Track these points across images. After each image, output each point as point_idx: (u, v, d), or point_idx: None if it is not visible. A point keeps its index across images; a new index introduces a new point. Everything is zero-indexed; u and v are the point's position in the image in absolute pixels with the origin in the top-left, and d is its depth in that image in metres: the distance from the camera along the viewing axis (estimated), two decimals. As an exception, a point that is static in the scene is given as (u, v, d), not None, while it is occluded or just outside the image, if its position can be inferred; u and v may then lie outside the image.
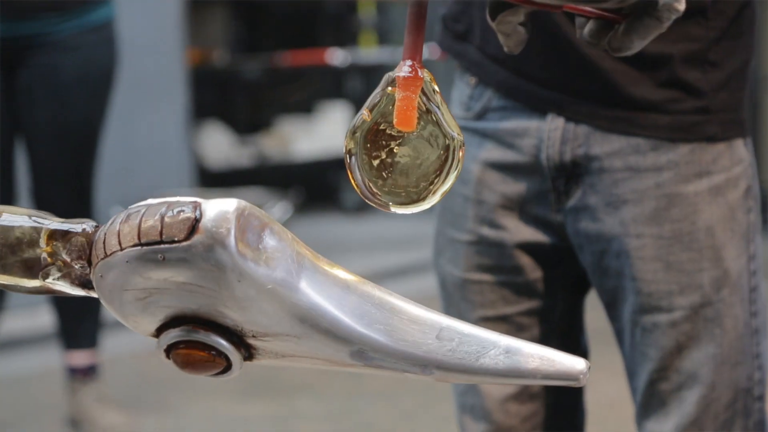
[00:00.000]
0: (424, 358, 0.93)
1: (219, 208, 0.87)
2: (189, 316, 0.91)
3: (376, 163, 1.02)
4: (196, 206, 0.88)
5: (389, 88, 1.02)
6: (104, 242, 0.90)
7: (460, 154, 1.02)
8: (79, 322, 3.49)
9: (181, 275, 0.88)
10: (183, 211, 0.88)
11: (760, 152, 6.42)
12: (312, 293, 0.91)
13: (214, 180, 6.39)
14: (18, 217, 0.95)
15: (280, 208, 5.51)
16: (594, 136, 1.59)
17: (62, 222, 0.94)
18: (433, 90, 1.03)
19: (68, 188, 3.46)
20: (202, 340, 0.91)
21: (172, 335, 0.91)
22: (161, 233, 0.88)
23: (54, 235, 0.93)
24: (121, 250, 0.89)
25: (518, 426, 1.71)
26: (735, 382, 1.62)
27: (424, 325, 0.94)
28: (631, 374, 1.68)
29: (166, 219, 0.88)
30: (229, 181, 6.35)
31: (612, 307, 1.67)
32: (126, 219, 0.90)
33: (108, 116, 3.58)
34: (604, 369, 2.82)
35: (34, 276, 0.94)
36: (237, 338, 0.92)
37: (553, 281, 1.70)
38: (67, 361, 3.54)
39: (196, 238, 0.87)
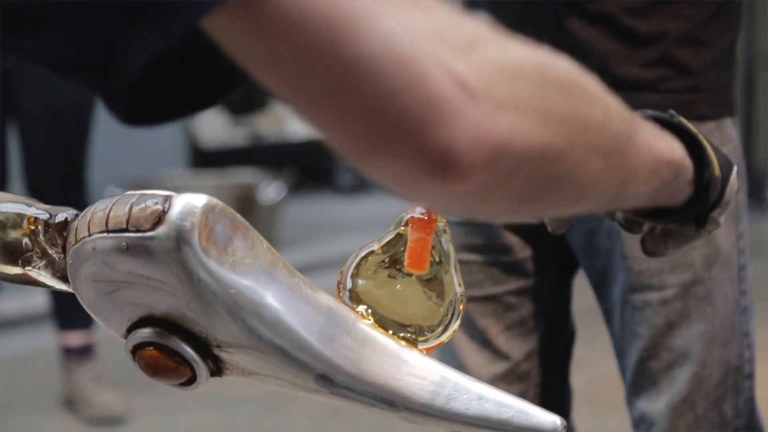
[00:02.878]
0: (391, 392, 0.90)
1: (187, 202, 0.85)
2: (158, 318, 0.89)
3: (379, 296, 0.96)
4: (167, 199, 0.86)
5: (402, 228, 0.98)
6: (77, 229, 0.89)
7: (461, 306, 0.98)
8: (73, 303, 3.46)
9: (144, 268, 0.86)
10: (153, 202, 0.86)
11: (754, 130, 6.41)
12: (279, 308, 0.88)
13: (209, 160, 6.38)
14: (2, 202, 0.94)
15: (274, 188, 5.51)
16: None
17: (45, 209, 0.94)
18: (446, 237, 0.99)
19: (60, 171, 3.46)
20: (168, 344, 0.89)
21: (139, 336, 0.89)
22: (128, 222, 0.86)
23: (35, 221, 0.93)
24: (89, 236, 0.88)
25: (506, 406, 1.71)
26: (725, 360, 1.62)
27: (398, 359, 0.91)
28: (621, 353, 1.68)
29: (135, 209, 0.86)
30: (223, 161, 6.35)
31: (601, 287, 1.67)
32: (99, 208, 0.89)
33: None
34: (596, 348, 2.82)
35: (14, 262, 0.94)
36: (204, 349, 0.89)
37: (541, 260, 1.70)
38: (61, 341, 3.54)
39: (160, 229, 0.85)
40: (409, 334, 0.95)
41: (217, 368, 0.91)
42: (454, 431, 0.94)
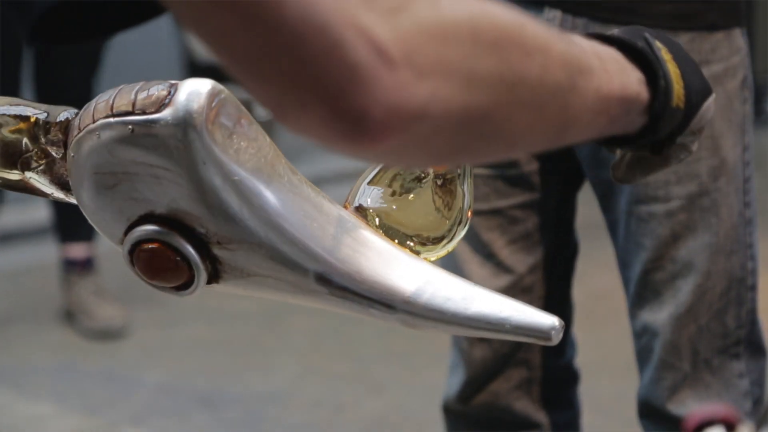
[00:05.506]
0: (389, 291, 0.89)
1: (194, 86, 0.86)
2: (158, 217, 0.88)
3: (390, 205, 0.96)
4: (173, 85, 0.87)
5: None
6: (80, 120, 0.89)
7: (469, 214, 0.97)
8: (76, 215, 3.47)
9: (148, 154, 0.86)
10: (159, 88, 0.87)
11: (754, 43, 6.39)
12: (281, 200, 0.88)
13: (204, 74, 6.29)
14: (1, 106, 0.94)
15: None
16: (593, 27, 1.58)
17: (44, 108, 0.93)
18: None
19: (78, 72, 3.45)
20: (168, 241, 0.88)
21: (139, 232, 0.89)
22: (133, 105, 0.86)
23: (36, 120, 0.93)
24: (94, 122, 0.87)
25: (509, 318, 1.72)
26: (729, 271, 1.63)
27: (395, 260, 0.91)
28: (625, 265, 1.68)
29: (140, 94, 0.87)
30: (218, 74, 6.30)
31: (607, 199, 1.67)
32: (102, 98, 0.89)
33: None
34: (595, 261, 2.84)
35: (13, 165, 0.93)
36: (204, 249, 0.89)
37: (547, 174, 1.70)
38: (64, 254, 3.54)
39: (166, 111, 0.85)
40: (413, 244, 0.95)
41: (214, 271, 0.90)
42: (451, 334, 0.93)
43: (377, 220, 0.95)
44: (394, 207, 0.95)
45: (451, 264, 1.73)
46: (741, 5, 1.61)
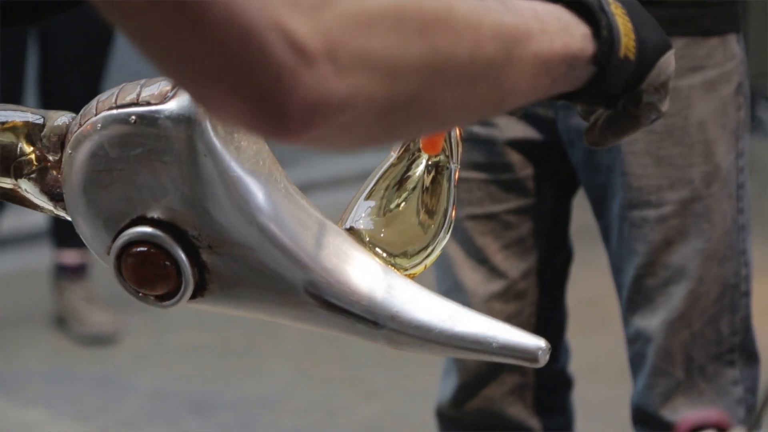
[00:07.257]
0: (377, 305, 0.90)
1: None
2: (149, 219, 0.89)
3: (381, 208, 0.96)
4: None
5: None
6: (81, 117, 0.90)
7: (452, 215, 0.97)
8: (73, 221, 3.47)
9: (148, 147, 0.87)
10: (164, 84, 0.88)
11: (748, 48, 6.41)
12: (275, 205, 0.89)
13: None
14: None
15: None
16: (587, 31, 1.58)
17: (41, 113, 0.94)
18: (457, 146, 0.98)
19: (81, 79, 3.45)
20: (158, 242, 0.88)
21: (129, 235, 0.89)
22: (138, 97, 0.88)
23: (33, 126, 0.93)
24: (96, 115, 0.88)
25: (502, 324, 1.72)
26: (723, 277, 1.63)
27: (383, 277, 0.91)
28: (618, 270, 1.68)
29: (145, 89, 0.88)
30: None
31: (600, 204, 1.67)
32: (105, 95, 0.90)
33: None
34: (587, 267, 2.84)
35: (6, 171, 0.93)
36: (194, 255, 0.89)
37: (541, 179, 1.70)
38: (57, 259, 3.54)
39: (171, 102, 0.87)
40: (398, 259, 0.95)
41: (201, 281, 0.90)
42: (437, 354, 0.94)
43: (366, 238, 0.95)
44: (382, 226, 0.95)
45: (444, 269, 1.73)
46: (737, 11, 1.61)
